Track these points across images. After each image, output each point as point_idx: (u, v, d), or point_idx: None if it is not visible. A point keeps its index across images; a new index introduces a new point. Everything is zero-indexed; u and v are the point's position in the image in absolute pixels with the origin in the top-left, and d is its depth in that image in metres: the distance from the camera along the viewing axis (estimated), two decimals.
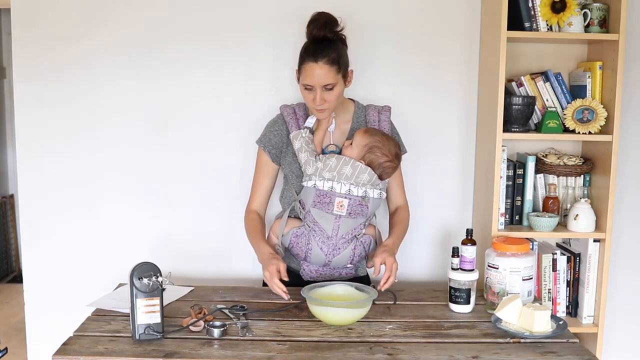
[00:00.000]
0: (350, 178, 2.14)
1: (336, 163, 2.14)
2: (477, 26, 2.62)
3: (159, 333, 1.78)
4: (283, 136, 2.27)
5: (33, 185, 2.66)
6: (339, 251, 2.19)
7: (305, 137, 2.19)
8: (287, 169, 2.27)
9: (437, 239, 2.74)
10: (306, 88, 2.13)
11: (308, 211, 2.17)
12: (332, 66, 2.10)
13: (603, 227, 2.44)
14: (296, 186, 2.24)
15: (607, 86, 2.43)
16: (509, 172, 2.49)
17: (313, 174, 2.15)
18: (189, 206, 2.68)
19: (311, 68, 2.10)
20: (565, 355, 1.74)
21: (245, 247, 2.64)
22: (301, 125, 2.24)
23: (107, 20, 2.57)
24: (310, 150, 2.17)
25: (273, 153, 2.27)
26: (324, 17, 2.16)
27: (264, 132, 2.30)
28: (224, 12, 2.58)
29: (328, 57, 2.09)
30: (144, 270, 1.78)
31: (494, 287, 2.11)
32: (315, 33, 2.14)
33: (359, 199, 2.15)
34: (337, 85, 2.13)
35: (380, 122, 2.29)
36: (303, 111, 2.29)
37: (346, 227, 2.17)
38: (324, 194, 2.14)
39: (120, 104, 2.62)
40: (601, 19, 2.40)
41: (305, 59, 2.12)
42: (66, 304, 2.66)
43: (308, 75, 2.11)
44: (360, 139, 2.17)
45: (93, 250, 2.69)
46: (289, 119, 2.26)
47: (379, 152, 2.16)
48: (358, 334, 1.86)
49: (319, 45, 2.12)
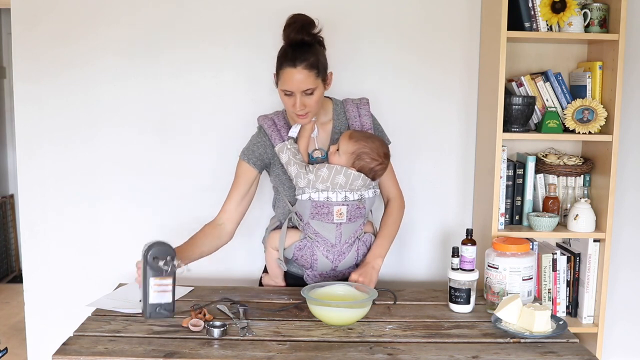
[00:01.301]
0: (344, 186, 2.10)
1: (328, 173, 2.09)
2: (477, 26, 2.62)
3: (169, 312, 1.78)
4: (267, 147, 2.19)
5: (33, 185, 2.66)
6: (344, 256, 2.18)
7: (291, 148, 2.12)
8: (277, 181, 2.21)
9: (437, 239, 2.74)
10: (285, 94, 2.07)
11: (307, 223, 2.14)
12: (311, 71, 2.03)
13: (603, 227, 2.44)
14: (289, 197, 2.19)
15: (607, 86, 2.43)
16: (509, 172, 2.49)
17: (306, 186, 2.10)
18: (189, 206, 2.67)
19: (290, 73, 2.03)
20: (565, 355, 1.74)
21: (246, 247, 2.65)
22: (284, 136, 2.17)
23: (107, 21, 2.57)
24: (299, 162, 2.11)
25: (257, 164, 2.19)
26: (300, 20, 2.08)
27: (247, 145, 2.22)
28: (224, 12, 2.58)
29: (307, 62, 2.02)
30: (159, 252, 1.78)
31: (494, 287, 2.11)
32: (292, 37, 2.06)
33: (357, 203, 2.13)
34: (316, 89, 2.06)
35: (360, 117, 2.22)
36: (283, 120, 2.21)
37: (348, 232, 2.16)
38: (321, 204, 2.10)
39: (120, 104, 2.62)
40: (601, 19, 2.40)
41: (283, 63, 2.05)
42: (66, 304, 2.66)
43: (287, 80, 2.04)
44: (346, 147, 2.11)
45: (93, 250, 2.69)
46: (271, 131, 2.18)
47: (367, 158, 2.11)
48: (358, 334, 1.86)
49: (296, 49, 2.05)
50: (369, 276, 2.14)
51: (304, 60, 2.02)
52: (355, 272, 2.15)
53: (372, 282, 2.14)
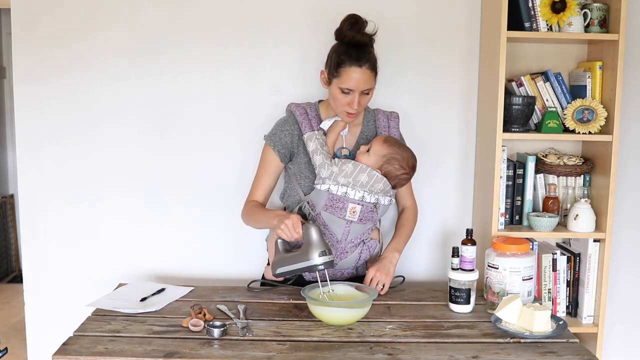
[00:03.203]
0: (365, 186, 2.12)
1: (352, 169, 2.12)
2: (477, 26, 2.62)
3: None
4: (294, 136, 2.22)
5: (33, 185, 2.66)
6: (347, 255, 2.19)
7: (320, 138, 2.17)
8: (296, 169, 2.23)
9: (437, 239, 2.74)
10: (343, 92, 2.11)
11: (318, 214, 2.15)
12: (373, 71, 2.12)
13: (603, 227, 2.44)
14: (304, 187, 2.21)
15: (607, 86, 2.43)
16: (509, 172, 2.49)
17: (327, 177, 2.12)
18: (189, 206, 2.68)
19: (354, 72, 2.08)
20: (565, 355, 1.74)
21: (246, 248, 2.65)
22: (314, 126, 2.20)
23: (108, 21, 2.57)
24: (325, 153, 2.15)
25: (282, 153, 2.22)
26: (361, 20, 2.12)
27: (274, 130, 2.24)
28: (224, 12, 2.58)
29: (370, 62, 2.10)
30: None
31: (494, 287, 2.11)
32: (358, 38, 2.10)
33: (371, 206, 2.15)
34: (372, 89, 2.15)
35: (389, 129, 2.29)
36: (314, 112, 2.26)
37: (355, 232, 2.17)
38: (337, 198, 2.12)
39: (121, 104, 2.62)
40: (601, 19, 2.40)
41: (346, 62, 2.08)
42: (66, 304, 2.66)
43: (350, 79, 2.08)
44: (379, 149, 2.15)
45: (93, 250, 2.69)
46: (302, 119, 2.21)
47: (397, 164, 2.14)
48: (358, 334, 1.86)
49: (360, 49, 2.10)
50: (386, 270, 2.18)
51: (368, 60, 2.09)
52: (373, 267, 2.18)
53: (390, 276, 2.18)
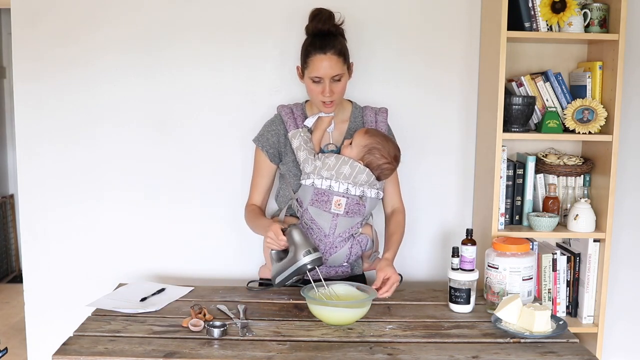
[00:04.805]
0: (348, 178, 2.15)
1: (335, 162, 2.16)
2: (477, 26, 2.62)
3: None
4: (281, 136, 2.28)
5: (33, 185, 2.66)
6: (336, 249, 2.20)
7: (304, 135, 2.21)
8: (285, 168, 2.27)
9: (437, 239, 2.74)
10: (314, 81, 2.16)
11: (305, 209, 2.19)
12: (339, 57, 2.15)
13: (603, 227, 2.44)
14: (294, 185, 2.25)
15: (607, 86, 2.43)
16: (509, 172, 2.49)
17: (311, 172, 2.16)
18: (189, 206, 2.68)
19: (320, 60, 2.13)
20: (565, 355, 1.74)
21: (246, 247, 2.65)
22: (299, 125, 2.26)
23: (107, 20, 2.57)
24: (308, 149, 2.19)
25: (271, 153, 2.28)
26: (325, 12, 2.22)
27: (261, 132, 2.31)
28: (224, 11, 2.58)
29: (335, 49, 2.14)
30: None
31: (494, 287, 2.11)
32: (320, 27, 2.19)
33: (357, 198, 2.16)
34: (343, 76, 2.18)
35: (377, 124, 2.30)
36: (300, 111, 2.31)
37: (343, 226, 2.18)
38: (322, 192, 2.15)
39: (121, 104, 2.62)
40: (601, 19, 2.40)
41: (311, 52, 2.16)
42: (66, 304, 2.66)
43: (317, 67, 2.14)
44: (360, 140, 2.18)
45: (93, 250, 2.69)
46: (287, 118, 2.27)
47: (378, 154, 2.17)
48: (358, 334, 1.86)
49: (323, 38, 2.17)
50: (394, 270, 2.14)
51: (332, 47, 2.15)
52: (381, 271, 2.12)
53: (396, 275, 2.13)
